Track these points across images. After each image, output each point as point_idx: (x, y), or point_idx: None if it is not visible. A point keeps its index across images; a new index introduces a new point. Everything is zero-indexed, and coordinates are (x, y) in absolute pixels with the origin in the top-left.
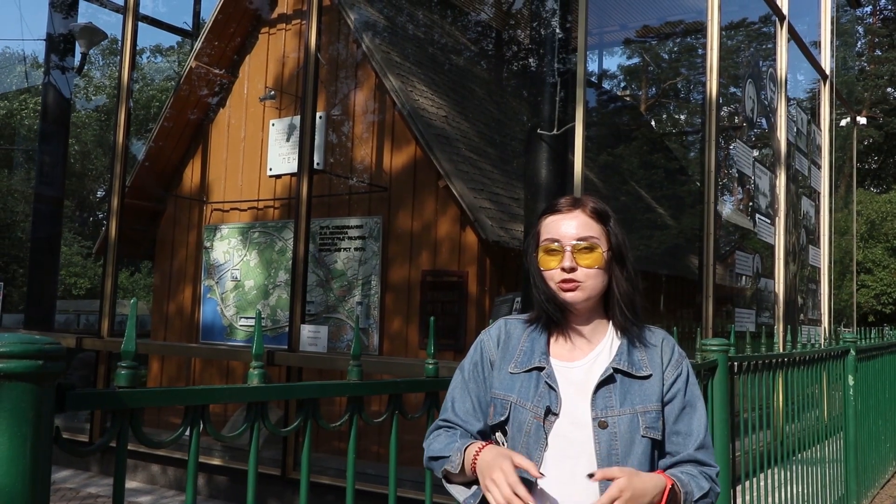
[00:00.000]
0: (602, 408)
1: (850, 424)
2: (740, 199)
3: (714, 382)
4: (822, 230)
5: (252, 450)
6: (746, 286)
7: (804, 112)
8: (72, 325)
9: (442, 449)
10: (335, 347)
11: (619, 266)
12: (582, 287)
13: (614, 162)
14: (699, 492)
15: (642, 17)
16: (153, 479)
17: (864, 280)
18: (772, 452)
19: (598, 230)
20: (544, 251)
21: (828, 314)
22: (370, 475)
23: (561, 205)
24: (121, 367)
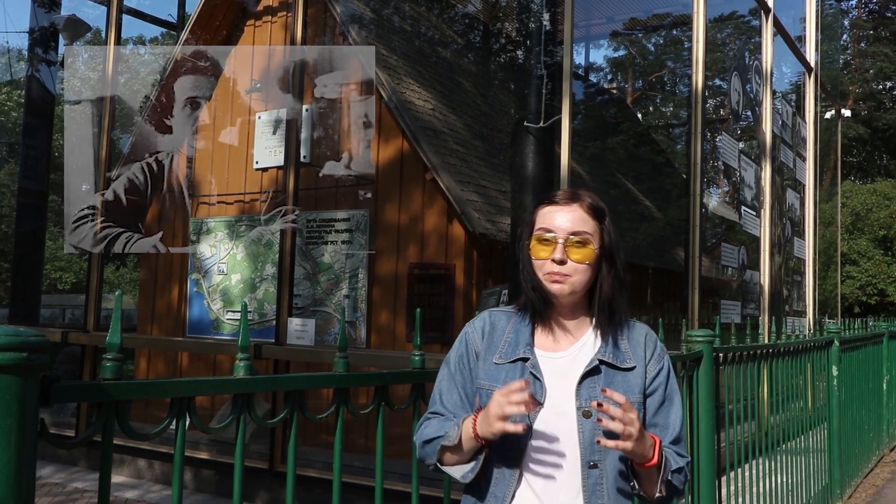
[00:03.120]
0: (586, 398)
1: (834, 414)
2: (726, 192)
3: (699, 373)
4: (807, 222)
5: (238, 442)
6: (732, 278)
7: (789, 105)
8: (57, 319)
9: (436, 431)
10: (323, 341)
11: (607, 265)
12: (569, 281)
13: (601, 154)
14: (675, 464)
15: (629, 9)
16: (140, 473)
17: (850, 271)
18: (756, 443)
19: (592, 226)
20: (537, 240)
21: (813, 305)
22: (358, 468)
23: (559, 197)
24: (106, 360)
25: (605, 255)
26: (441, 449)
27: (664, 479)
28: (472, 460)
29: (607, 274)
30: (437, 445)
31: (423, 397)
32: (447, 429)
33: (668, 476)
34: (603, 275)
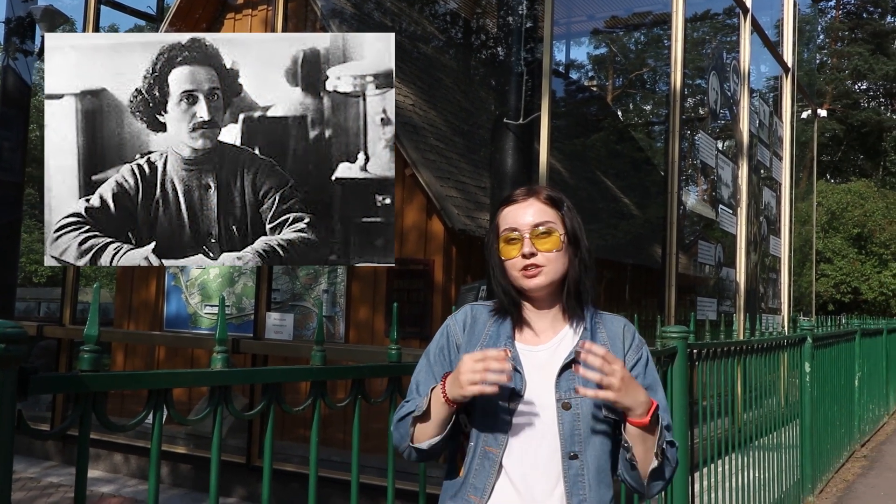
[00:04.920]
0: (566, 389)
1: (807, 410)
2: (704, 190)
3: (673, 369)
4: (783, 220)
5: (215, 434)
6: (709, 275)
7: (766, 104)
8: (32, 312)
9: (407, 408)
10: (301, 335)
11: (573, 249)
12: (544, 272)
13: (581, 152)
14: (669, 436)
15: (610, 7)
16: (116, 468)
17: (824, 269)
18: (730, 439)
19: (553, 215)
20: (504, 241)
21: (788, 303)
22: (336, 462)
23: (516, 195)
24: (83, 351)
25: (570, 241)
26: (413, 422)
27: (661, 444)
28: (443, 433)
29: (574, 259)
30: (408, 421)
31: (399, 391)
32: (417, 403)
33: (664, 444)
34: (570, 260)
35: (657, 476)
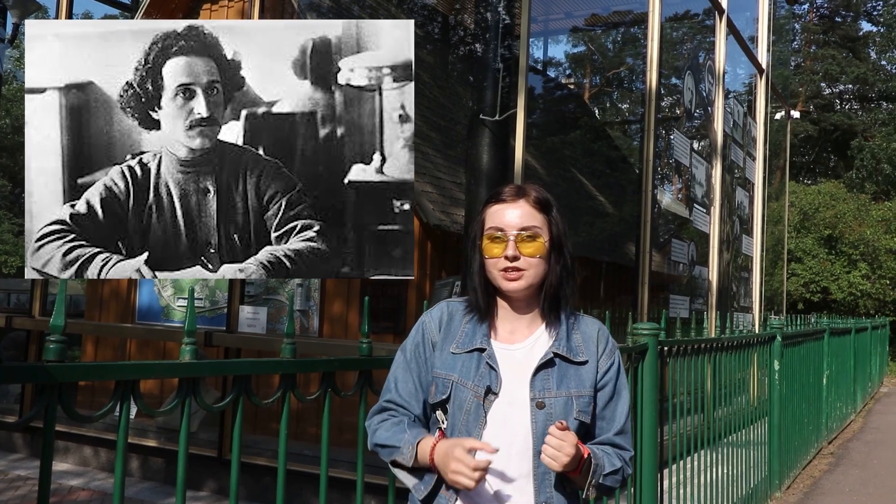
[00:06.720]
0: (540, 389)
1: (775, 408)
2: (678, 189)
3: (644, 366)
4: (756, 220)
5: (183, 426)
6: (682, 273)
7: (741, 105)
8: (1, 303)
9: (390, 438)
10: (275, 329)
11: (556, 255)
12: (525, 276)
13: (557, 149)
14: (610, 467)
15: (589, 5)
16: (85, 461)
17: (795, 269)
18: (700, 435)
19: (540, 220)
20: (489, 239)
21: (759, 301)
22: (308, 457)
23: (505, 194)
24: (49, 342)
25: (553, 247)
26: (394, 464)
27: (592, 483)
28: (427, 472)
29: (556, 264)
30: (390, 454)
31: (370, 384)
32: (402, 443)
33: (598, 480)
34: (551, 265)
35: (604, 490)
